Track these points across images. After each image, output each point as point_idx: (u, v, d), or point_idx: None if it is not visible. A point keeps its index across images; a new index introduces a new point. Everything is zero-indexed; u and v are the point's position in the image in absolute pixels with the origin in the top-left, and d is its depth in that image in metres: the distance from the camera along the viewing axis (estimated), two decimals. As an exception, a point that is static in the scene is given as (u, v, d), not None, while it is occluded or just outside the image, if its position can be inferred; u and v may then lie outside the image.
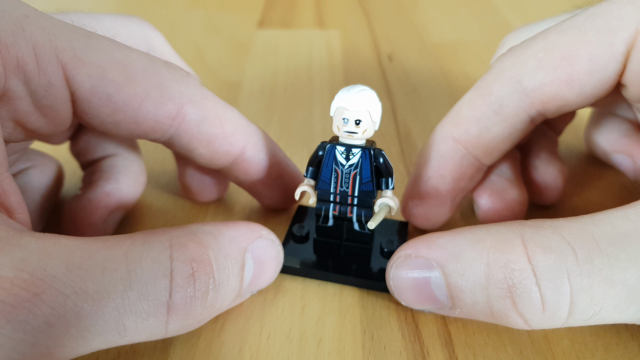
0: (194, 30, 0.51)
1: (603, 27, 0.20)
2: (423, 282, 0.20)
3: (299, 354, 0.20)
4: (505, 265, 0.18)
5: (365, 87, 0.21)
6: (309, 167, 0.23)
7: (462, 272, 0.19)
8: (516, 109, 0.22)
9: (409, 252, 0.20)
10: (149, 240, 0.18)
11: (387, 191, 0.22)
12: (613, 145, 0.28)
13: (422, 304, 0.21)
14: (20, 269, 0.15)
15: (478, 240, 0.19)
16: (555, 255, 0.18)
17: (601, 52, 0.20)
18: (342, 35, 0.50)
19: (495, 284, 0.18)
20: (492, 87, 0.23)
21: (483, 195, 0.25)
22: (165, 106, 0.21)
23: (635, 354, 0.20)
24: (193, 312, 0.18)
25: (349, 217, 0.23)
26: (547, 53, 0.21)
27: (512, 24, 0.52)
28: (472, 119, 0.23)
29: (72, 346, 0.16)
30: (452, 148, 0.24)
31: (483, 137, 0.23)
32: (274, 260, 0.22)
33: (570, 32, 0.21)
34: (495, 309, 0.18)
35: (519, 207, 0.25)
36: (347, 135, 0.21)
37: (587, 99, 0.22)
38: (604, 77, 0.21)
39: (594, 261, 0.17)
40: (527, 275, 0.18)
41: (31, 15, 0.19)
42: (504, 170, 0.26)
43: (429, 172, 0.24)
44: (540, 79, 0.21)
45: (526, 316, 0.18)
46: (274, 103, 0.38)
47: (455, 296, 0.19)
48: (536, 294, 0.18)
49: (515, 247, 0.18)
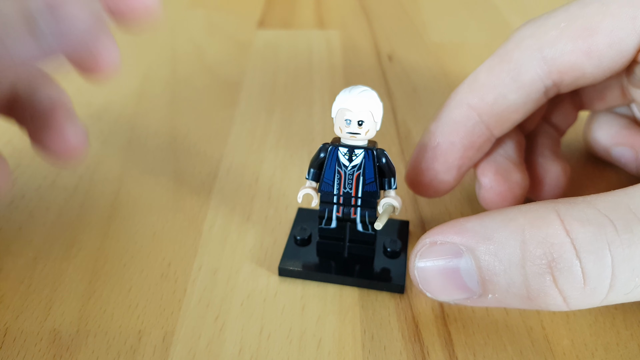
0: (194, 30, 0.51)
1: (626, 0, 0.21)
2: (451, 269, 0.19)
3: (299, 354, 0.20)
4: (543, 240, 0.18)
5: (366, 87, 0.21)
6: (311, 169, 0.23)
7: (496, 252, 0.18)
8: (534, 77, 0.22)
9: (434, 239, 0.20)
10: None
11: (390, 191, 0.22)
12: (613, 138, 0.28)
13: (451, 294, 0.20)
14: None
15: (510, 219, 0.19)
16: (594, 227, 0.17)
17: (622, 25, 0.21)
18: (342, 35, 0.50)
19: (533, 260, 0.18)
20: (512, 54, 0.23)
21: (487, 174, 0.25)
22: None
23: (635, 354, 0.20)
24: None
25: (352, 218, 0.23)
26: (569, 23, 0.22)
27: (513, 24, 0.52)
28: (489, 86, 0.23)
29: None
30: (466, 115, 0.24)
31: (498, 105, 0.23)
32: None
33: (593, 4, 0.21)
34: (533, 287, 0.18)
35: (521, 191, 0.25)
36: (350, 136, 0.21)
37: (603, 72, 0.22)
38: (623, 49, 0.21)
39: (634, 230, 0.17)
40: (568, 248, 0.17)
41: None
42: (509, 152, 0.26)
43: (440, 138, 0.24)
44: (560, 47, 0.22)
45: (566, 292, 0.18)
46: (274, 103, 0.38)
47: (488, 280, 0.19)
48: (577, 268, 0.17)
49: (552, 222, 0.18)
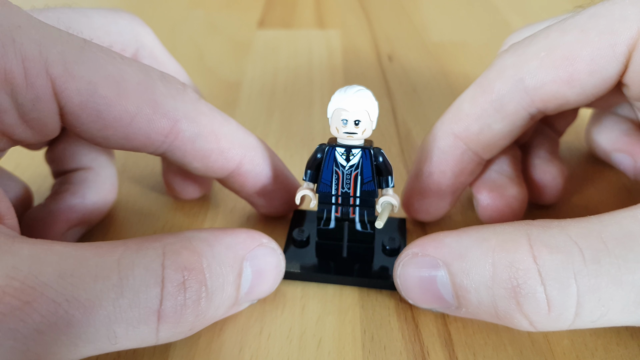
0: (194, 30, 0.51)
1: (605, 28, 0.20)
2: (429, 281, 0.20)
3: (299, 354, 0.20)
4: (510, 265, 0.18)
5: (361, 87, 0.21)
6: (308, 170, 0.23)
7: (468, 271, 0.19)
8: (517, 107, 0.22)
9: (416, 250, 0.20)
10: (142, 247, 0.18)
11: (388, 189, 0.22)
12: (614, 144, 0.28)
13: (429, 303, 0.21)
14: (12, 277, 0.15)
15: (484, 239, 0.19)
16: (562, 255, 0.17)
17: (603, 53, 0.20)
18: (342, 35, 0.50)
19: (499, 283, 0.18)
20: (494, 84, 0.23)
21: (483, 192, 0.25)
22: (158, 123, 0.21)
23: (635, 354, 0.20)
24: (184, 320, 0.18)
25: (351, 218, 0.23)
26: (549, 52, 0.21)
27: (512, 24, 0.52)
28: (473, 116, 0.23)
29: (62, 353, 0.16)
30: (453, 144, 0.24)
31: (484, 134, 0.23)
32: (274, 270, 0.21)
33: (572, 31, 0.21)
34: (500, 309, 0.18)
35: (519, 205, 0.25)
36: (347, 136, 0.21)
37: (587, 98, 0.22)
38: (604, 77, 0.21)
39: (602, 261, 0.17)
40: (532, 275, 0.17)
41: (23, 25, 0.18)
42: (504, 168, 0.26)
43: (430, 167, 0.24)
44: (541, 77, 0.21)
45: (531, 317, 0.18)
46: (274, 103, 0.38)
47: (461, 296, 0.19)
48: (541, 295, 0.17)
49: (520, 247, 0.18)
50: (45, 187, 0.29)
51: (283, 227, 0.27)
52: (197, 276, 0.18)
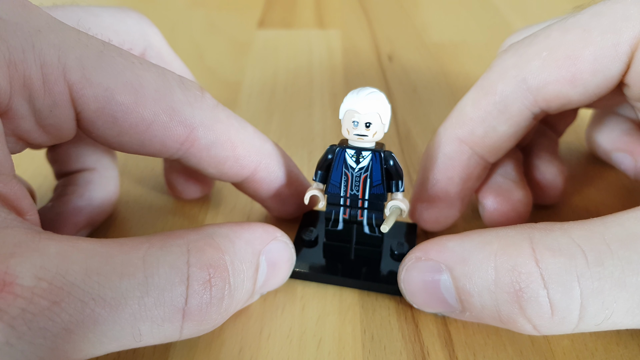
0: (194, 30, 0.51)
1: (607, 27, 0.20)
2: (433, 284, 0.20)
3: (299, 354, 0.20)
4: (512, 269, 0.18)
5: (374, 89, 0.21)
6: (318, 171, 0.23)
7: (470, 275, 0.19)
8: (521, 108, 0.22)
9: (419, 254, 0.20)
10: (167, 244, 0.18)
11: (398, 194, 0.22)
12: (614, 143, 0.28)
13: (433, 307, 0.21)
14: (40, 278, 0.15)
15: (486, 243, 0.19)
16: (565, 258, 0.17)
17: (605, 53, 0.20)
18: (342, 35, 0.50)
19: (502, 287, 0.18)
20: (496, 86, 0.22)
21: (489, 197, 0.25)
22: (174, 131, 0.21)
23: (635, 354, 0.20)
24: (208, 317, 0.18)
25: (359, 221, 0.23)
26: (551, 52, 0.21)
27: (512, 24, 0.52)
28: (478, 119, 0.23)
29: (87, 349, 0.16)
30: (458, 149, 0.24)
31: (489, 137, 0.23)
32: (286, 262, 0.22)
33: (574, 30, 0.21)
34: (503, 313, 0.18)
35: (524, 208, 0.25)
36: (357, 138, 0.21)
37: (589, 97, 0.22)
38: (607, 76, 0.21)
39: (605, 264, 0.17)
40: (535, 278, 0.17)
41: (43, 29, 0.18)
42: (508, 171, 0.26)
43: (437, 175, 0.24)
44: (544, 77, 0.21)
45: (534, 321, 0.18)
46: (274, 103, 0.38)
47: (465, 299, 0.19)
48: (544, 298, 0.17)
49: (523, 250, 0.18)
50: (45, 187, 0.29)
51: (286, 226, 0.27)
52: (222, 274, 0.18)
